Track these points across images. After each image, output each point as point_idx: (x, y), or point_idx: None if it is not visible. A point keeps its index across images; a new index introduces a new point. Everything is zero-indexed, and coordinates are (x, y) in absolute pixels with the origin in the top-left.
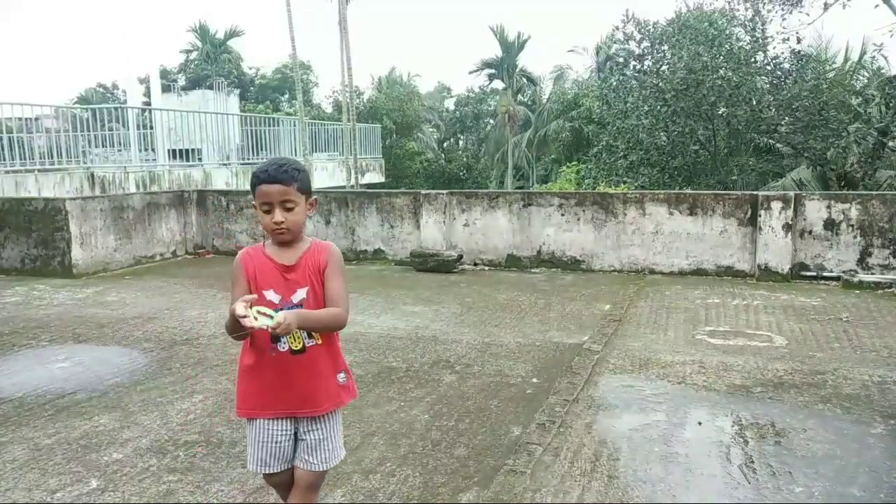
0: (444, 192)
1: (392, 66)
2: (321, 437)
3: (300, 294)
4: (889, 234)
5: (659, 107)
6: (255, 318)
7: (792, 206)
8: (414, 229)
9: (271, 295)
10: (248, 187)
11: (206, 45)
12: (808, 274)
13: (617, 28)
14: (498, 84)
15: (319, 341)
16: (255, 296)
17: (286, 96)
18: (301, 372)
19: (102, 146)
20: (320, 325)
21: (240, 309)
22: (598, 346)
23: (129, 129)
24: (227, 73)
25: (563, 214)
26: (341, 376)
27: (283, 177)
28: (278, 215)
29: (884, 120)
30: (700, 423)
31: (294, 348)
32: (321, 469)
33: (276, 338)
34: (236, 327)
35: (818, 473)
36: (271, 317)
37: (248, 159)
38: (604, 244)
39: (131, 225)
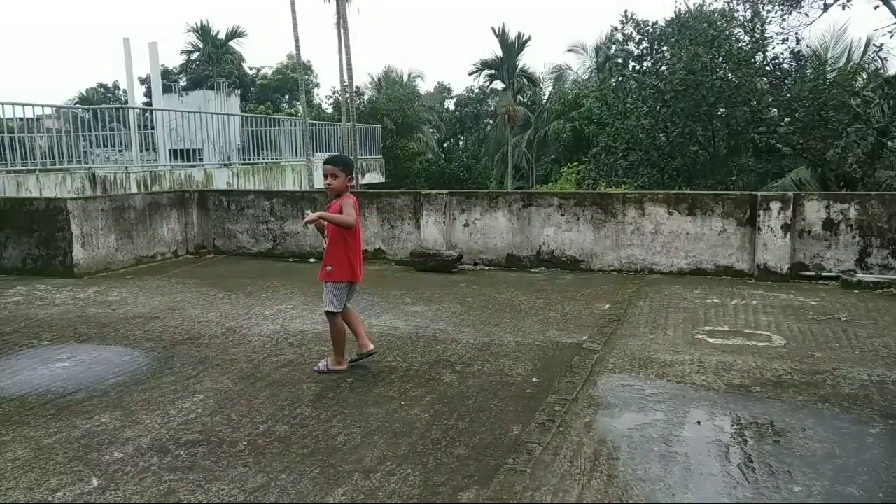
0: (445, 192)
1: (389, 66)
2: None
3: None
4: (888, 234)
5: (658, 107)
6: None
7: (791, 206)
8: (414, 229)
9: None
10: (248, 187)
11: (208, 45)
12: (807, 274)
13: (616, 29)
14: (498, 84)
15: (325, 244)
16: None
17: (287, 97)
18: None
19: (104, 146)
20: (332, 221)
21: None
22: (597, 345)
23: (130, 130)
24: (228, 73)
25: (562, 214)
26: (328, 268)
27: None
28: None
29: (883, 120)
30: (699, 423)
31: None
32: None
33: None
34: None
35: (817, 473)
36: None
37: (249, 159)
38: (603, 244)
39: (132, 225)
